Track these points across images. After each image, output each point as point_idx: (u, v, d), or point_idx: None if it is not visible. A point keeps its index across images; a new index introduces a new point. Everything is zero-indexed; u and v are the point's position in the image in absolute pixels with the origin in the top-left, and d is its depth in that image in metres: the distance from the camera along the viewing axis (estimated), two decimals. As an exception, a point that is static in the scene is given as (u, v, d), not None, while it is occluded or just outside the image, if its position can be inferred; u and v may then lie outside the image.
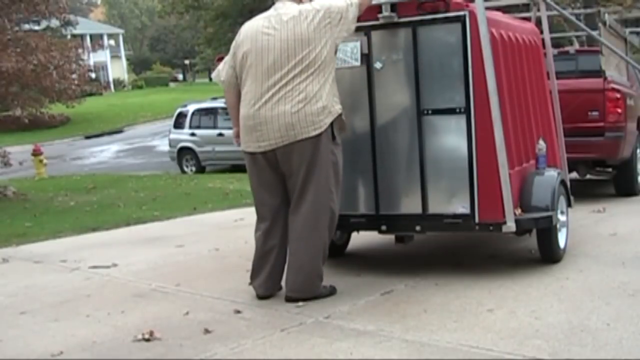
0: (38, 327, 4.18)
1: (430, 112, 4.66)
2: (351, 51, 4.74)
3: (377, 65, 4.73)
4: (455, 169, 4.61)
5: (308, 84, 4.24)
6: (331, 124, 4.29)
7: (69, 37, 25.11)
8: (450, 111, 4.60)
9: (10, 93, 12.35)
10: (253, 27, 4.42)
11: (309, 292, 4.33)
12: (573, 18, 8.33)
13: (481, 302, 4.14)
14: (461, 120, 4.57)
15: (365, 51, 4.73)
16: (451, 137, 4.63)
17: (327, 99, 4.27)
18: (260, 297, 4.44)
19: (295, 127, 4.22)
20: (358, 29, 4.75)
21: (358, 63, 4.74)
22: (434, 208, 4.70)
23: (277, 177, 4.40)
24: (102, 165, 21.34)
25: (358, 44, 4.65)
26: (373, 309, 4.15)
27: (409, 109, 4.72)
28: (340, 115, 4.35)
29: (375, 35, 4.76)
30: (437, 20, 4.58)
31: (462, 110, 4.55)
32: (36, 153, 16.62)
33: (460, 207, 4.61)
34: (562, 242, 5.08)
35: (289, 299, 4.33)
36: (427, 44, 4.64)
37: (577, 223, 6.05)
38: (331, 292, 4.44)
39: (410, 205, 4.76)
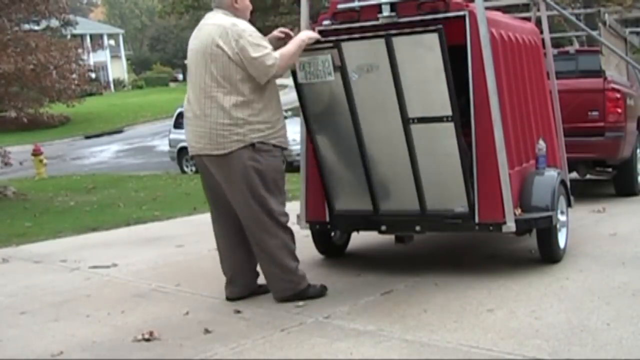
0: (38, 327, 4.18)
1: (416, 120, 4.49)
2: (322, 65, 4.46)
3: (353, 76, 4.47)
4: (449, 173, 4.52)
5: (216, 99, 4.17)
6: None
7: (69, 37, 25.09)
8: (437, 119, 4.44)
9: (8, 93, 12.35)
10: (193, 32, 4.42)
11: (286, 290, 4.34)
12: (573, 18, 8.34)
13: (481, 302, 4.14)
14: (449, 128, 4.42)
15: (338, 63, 4.43)
16: (441, 143, 4.49)
17: (241, 120, 4.17)
18: (227, 298, 4.47)
19: (203, 139, 4.24)
20: (326, 42, 4.52)
21: (332, 77, 4.48)
22: (433, 209, 4.67)
23: (215, 181, 4.38)
24: (102, 165, 21.34)
25: (329, 57, 4.40)
26: (373, 309, 4.15)
27: (394, 119, 4.52)
28: (254, 144, 4.21)
29: (348, 46, 4.45)
30: (414, 32, 4.34)
31: (450, 119, 4.39)
32: (36, 153, 16.63)
33: (459, 207, 4.59)
34: (562, 242, 5.08)
35: (277, 300, 4.37)
36: (403, 55, 4.38)
37: (577, 223, 6.05)
38: (321, 292, 4.43)
39: (410, 206, 4.73)
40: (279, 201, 4.37)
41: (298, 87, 4.63)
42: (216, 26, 4.24)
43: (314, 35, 4.48)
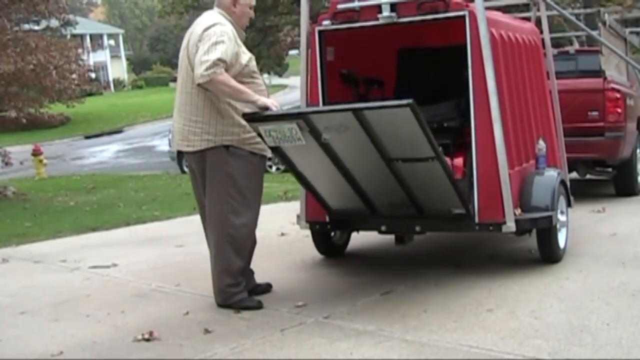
0: (38, 327, 4.18)
1: (400, 161, 4.29)
2: (290, 132, 4.13)
3: (324, 137, 4.16)
4: (440, 188, 4.39)
5: (191, 95, 4.20)
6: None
7: (68, 37, 25.09)
8: (422, 160, 4.23)
9: (8, 93, 12.35)
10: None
11: (221, 293, 4.28)
12: (573, 18, 8.34)
13: (481, 302, 4.14)
14: (435, 164, 4.22)
15: (307, 129, 4.10)
16: (428, 173, 4.31)
17: (213, 120, 4.16)
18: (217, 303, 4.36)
19: (178, 135, 4.31)
20: (289, 114, 4.33)
21: (303, 142, 4.16)
22: (432, 210, 4.64)
23: (197, 177, 4.42)
24: (102, 165, 21.32)
25: (294, 125, 4.07)
26: (373, 309, 4.15)
27: (377, 159, 4.29)
28: (227, 147, 4.17)
29: (314, 116, 4.13)
30: (384, 106, 4.02)
31: (434, 159, 4.16)
32: (36, 153, 16.60)
33: (457, 209, 4.56)
34: (562, 242, 5.08)
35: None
36: (375, 121, 4.03)
37: (577, 223, 6.06)
38: (257, 306, 4.26)
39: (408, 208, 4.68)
40: (246, 210, 4.26)
41: (270, 147, 4.31)
42: (199, 25, 4.24)
43: (272, 104, 4.18)
